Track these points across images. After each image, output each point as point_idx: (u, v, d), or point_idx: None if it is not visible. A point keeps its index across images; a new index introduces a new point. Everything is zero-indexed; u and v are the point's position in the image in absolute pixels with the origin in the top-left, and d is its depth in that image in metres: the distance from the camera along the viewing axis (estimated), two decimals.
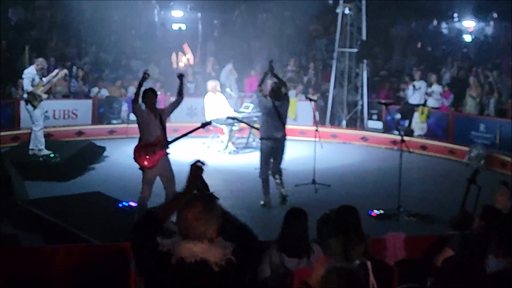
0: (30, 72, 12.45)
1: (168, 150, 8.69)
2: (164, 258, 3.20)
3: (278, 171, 10.56)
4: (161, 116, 8.70)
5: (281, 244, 5.60)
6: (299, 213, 5.74)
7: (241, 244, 3.37)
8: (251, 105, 15.40)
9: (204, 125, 8.54)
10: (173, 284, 3.20)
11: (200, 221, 3.24)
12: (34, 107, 12.35)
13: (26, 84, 12.33)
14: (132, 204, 9.29)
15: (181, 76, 9.18)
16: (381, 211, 10.07)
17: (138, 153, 8.54)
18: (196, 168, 3.58)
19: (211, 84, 15.21)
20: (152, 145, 8.52)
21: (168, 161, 8.71)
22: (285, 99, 10.54)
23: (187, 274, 3.17)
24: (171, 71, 19.26)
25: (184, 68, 19.40)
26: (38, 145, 12.56)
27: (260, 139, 10.68)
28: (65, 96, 16.95)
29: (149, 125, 8.58)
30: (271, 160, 10.52)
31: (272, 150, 10.44)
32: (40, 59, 12.94)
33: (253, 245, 3.52)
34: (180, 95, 9.06)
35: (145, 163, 8.49)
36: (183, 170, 3.60)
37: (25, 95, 12.41)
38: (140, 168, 8.59)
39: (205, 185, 3.61)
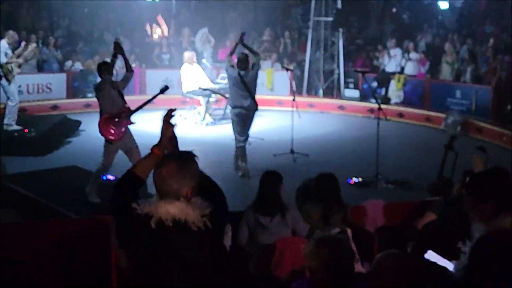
0: (2, 46, 12.21)
1: (133, 120, 8.60)
2: (144, 221, 3.17)
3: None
4: (119, 88, 8.60)
5: (255, 204, 5.90)
6: (272, 175, 6.01)
7: (216, 203, 3.37)
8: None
9: (163, 90, 8.38)
10: (153, 246, 3.18)
11: (173, 178, 3.21)
12: (9, 81, 12.13)
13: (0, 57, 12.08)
14: (110, 177, 9.20)
15: (117, 47, 8.69)
16: (360, 179, 10.11)
17: (104, 126, 8.42)
18: (168, 117, 3.50)
19: (187, 55, 15.07)
20: (117, 116, 8.42)
21: (130, 131, 8.66)
22: (252, 69, 10.53)
23: (166, 235, 3.15)
24: (146, 43, 19.06)
25: (158, 40, 19.19)
26: (10, 120, 12.38)
27: (231, 108, 10.74)
28: (39, 69, 16.68)
29: (114, 97, 8.49)
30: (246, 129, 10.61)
31: (240, 119, 10.53)
32: (11, 32, 12.70)
33: (225, 204, 3.53)
34: (129, 70, 8.84)
35: (111, 135, 8.39)
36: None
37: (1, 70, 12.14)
38: (106, 141, 8.49)
39: (175, 138, 3.55)
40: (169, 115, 3.53)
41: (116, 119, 8.41)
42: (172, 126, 3.51)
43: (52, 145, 12.27)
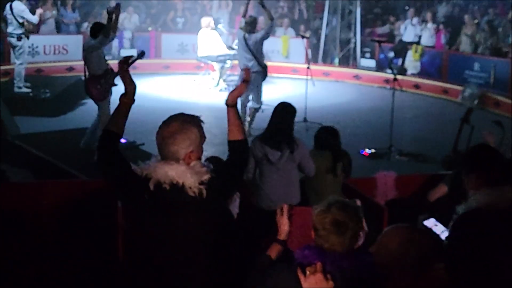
0: (21, 5, 12.36)
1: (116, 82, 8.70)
2: (143, 183, 3.16)
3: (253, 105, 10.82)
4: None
5: (265, 135, 5.74)
6: (287, 106, 5.87)
7: (235, 158, 3.38)
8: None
9: (140, 56, 8.41)
10: (150, 209, 3.17)
11: (171, 139, 3.20)
12: (28, 38, 12.46)
13: (30, 16, 12.38)
14: (122, 140, 9.21)
15: (112, 12, 8.71)
16: (373, 150, 10.03)
17: (90, 86, 8.65)
18: (125, 61, 3.42)
19: (205, 20, 14.92)
20: (103, 77, 8.64)
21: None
22: (257, 32, 10.66)
23: (163, 198, 3.14)
24: (161, 6, 18.90)
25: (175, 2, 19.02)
26: (18, 82, 12.56)
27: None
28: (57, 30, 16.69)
29: (102, 59, 8.74)
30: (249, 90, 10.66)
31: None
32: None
33: (245, 161, 3.53)
34: (113, 32, 8.79)
35: (96, 95, 8.67)
36: (177, 107, 3.50)
37: (19, 30, 12.29)
38: (95, 102, 8.75)
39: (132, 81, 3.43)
40: (125, 61, 3.42)
41: (102, 80, 8.63)
42: (128, 74, 3.40)
43: (66, 107, 12.28)
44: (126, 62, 3.41)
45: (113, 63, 15.58)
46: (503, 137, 7.87)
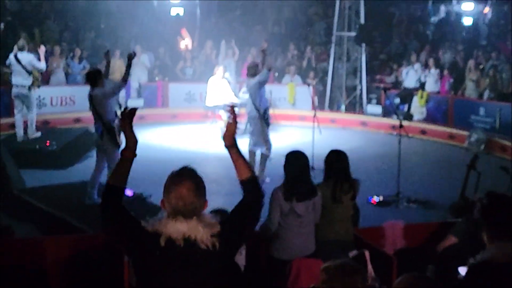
0: (29, 55, 12.68)
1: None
2: (153, 238, 3.14)
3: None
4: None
5: (288, 188, 5.64)
6: (300, 155, 5.82)
7: (249, 198, 3.36)
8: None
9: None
10: (162, 264, 3.15)
11: (195, 196, 3.19)
12: (39, 86, 12.88)
13: (42, 65, 12.66)
14: (129, 193, 9.20)
15: (130, 57, 8.80)
16: (381, 198, 9.98)
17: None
18: (128, 115, 3.39)
19: (219, 68, 14.98)
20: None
21: None
22: (253, 78, 10.81)
23: (175, 253, 3.13)
24: (169, 56, 19.08)
25: (183, 52, 19.21)
26: (33, 127, 12.88)
27: None
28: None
29: (113, 106, 8.87)
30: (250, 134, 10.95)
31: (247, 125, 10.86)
32: (41, 46, 13.07)
33: (260, 200, 3.45)
34: (125, 79, 8.87)
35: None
36: (185, 157, 3.49)
37: (30, 80, 12.56)
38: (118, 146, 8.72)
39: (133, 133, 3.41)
40: (128, 114, 3.40)
41: (115, 128, 8.75)
42: (131, 127, 3.38)
43: (73, 158, 12.29)
44: (129, 115, 3.38)
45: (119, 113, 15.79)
46: (510, 183, 7.84)
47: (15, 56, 12.73)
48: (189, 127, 15.96)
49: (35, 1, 20.21)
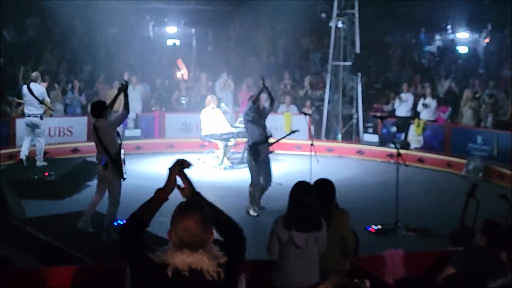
0: (41, 87, 13.14)
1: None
2: (159, 270, 3.16)
3: None
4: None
5: (288, 218, 5.59)
6: (305, 185, 5.71)
7: (231, 240, 3.40)
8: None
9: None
10: None
11: (202, 228, 3.21)
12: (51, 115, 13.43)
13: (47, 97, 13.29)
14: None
15: (123, 87, 9.04)
16: (379, 226, 9.99)
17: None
18: (180, 163, 3.50)
19: (208, 98, 15.14)
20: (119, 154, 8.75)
21: None
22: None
23: (181, 284, 3.15)
24: (165, 86, 19.19)
25: (178, 82, 19.33)
26: (41, 155, 13.20)
27: None
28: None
29: (115, 136, 8.79)
30: None
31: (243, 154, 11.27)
32: (46, 77, 13.85)
33: (242, 240, 3.50)
34: (126, 108, 9.00)
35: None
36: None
37: (41, 110, 12.96)
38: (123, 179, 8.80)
39: (189, 181, 3.54)
40: (177, 167, 3.51)
41: (120, 158, 8.75)
42: (176, 175, 3.49)
43: (72, 189, 12.30)
44: (181, 164, 3.50)
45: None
46: (509, 210, 7.86)
47: (28, 87, 13.02)
48: (186, 156, 15.92)
49: (32, 34, 20.37)
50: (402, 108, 16.84)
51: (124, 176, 8.74)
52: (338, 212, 5.89)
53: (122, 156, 8.73)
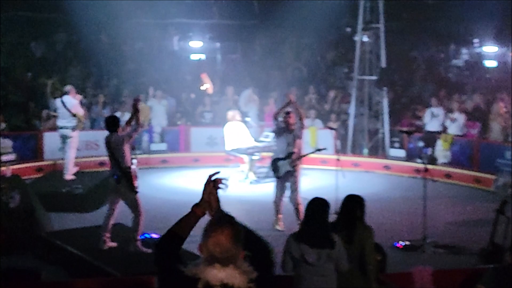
0: (73, 99, 13.33)
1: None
2: (189, 283, 3.15)
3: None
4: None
5: (300, 234, 5.62)
6: (320, 202, 5.71)
7: (259, 258, 3.36)
8: (271, 134, 15.34)
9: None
10: None
11: (233, 244, 3.20)
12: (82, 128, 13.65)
13: (81, 109, 13.43)
14: (154, 235, 9.25)
15: (136, 102, 9.19)
16: (407, 242, 9.89)
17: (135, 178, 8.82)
18: (214, 181, 3.51)
19: (230, 114, 15.21)
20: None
21: None
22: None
23: None
24: (190, 100, 19.27)
25: (203, 96, 19.40)
26: (69, 167, 13.31)
27: None
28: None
29: (128, 151, 8.85)
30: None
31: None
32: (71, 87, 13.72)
33: (270, 258, 3.53)
34: (138, 123, 9.05)
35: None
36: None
37: (73, 122, 13.13)
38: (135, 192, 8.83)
39: (218, 200, 3.52)
40: (214, 182, 3.51)
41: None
42: (215, 194, 3.50)
43: (99, 202, 12.36)
44: (216, 181, 3.51)
45: (143, 157, 15.87)
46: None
47: (61, 100, 13.30)
48: (211, 170, 15.96)
49: (60, 49, 20.63)
50: (433, 123, 16.69)
51: (136, 190, 8.76)
52: (362, 228, 5.88)
53: (134, 170, 8.78)
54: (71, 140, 13.28)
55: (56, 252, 8.93)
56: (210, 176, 3.52)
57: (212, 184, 3.51)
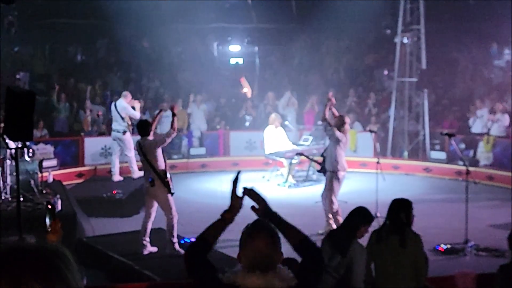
0: (123, 102, 13.61)
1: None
2: None
3: None
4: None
5: (330, 237, 5.76)
6: (359, 210, 5.88)
7: (306, 259, 3.34)
8: (310, 138, 15.30)
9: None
10: None
11: (272, 249, 3.20)
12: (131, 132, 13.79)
13: (132, 111, 13.64)
14: (193, 239, 9.28)
15: (173, 108, 9.46)
16: (448, 246, 9.75)
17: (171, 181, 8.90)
18: (248, 191, 3.49)
19: (272, 116, 15.19)
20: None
21: None
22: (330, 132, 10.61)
23: None
24: (230, 105, 19.34)
25: (243, 101, 19.46)
26: (134, 167, 13.74)
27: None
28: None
29: (161, 154, 8.92)
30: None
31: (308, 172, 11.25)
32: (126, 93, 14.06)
33: (320, 263, 3.47)
34: (172, 127, 9.11)
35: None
36: (246, 204, 3.53)
37: (124, 125, 13.51)
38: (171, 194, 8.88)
39: (263, 201, 3.48)
40: (248, 191, 3.51)
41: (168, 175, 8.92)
42: (240, 198, 3.47)
43: (139, 206, 12.46)
44: (249, 193, 3.49)
45: (182, 162, 15.99)
46: None
47: (114, 104, 13.76)
48: (250, 174, 16.01)
49: (101, 55, 20.94)
50: (477, 124, 16.44)
51: (172, 191, 8.82)
52: (412, 235, 5.83)
53: (168, 173, 8.86)
54: (125, 144, 13.66)
55: (96, 256, 9.03)
56: (233, 182, 3.50)
57: (235, 190, 3.49)
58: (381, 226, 5.90)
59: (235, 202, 3.46)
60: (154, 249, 8.86)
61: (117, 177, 13.95)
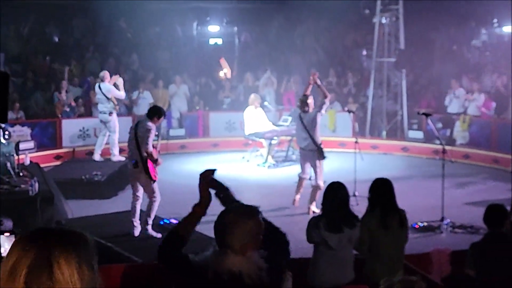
0: (108, 85, 13.64)
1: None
2: (200, 271, 3.24)
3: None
4: None
5: (321, 219, 5.67)
6: (338, 186, 5.80)
7: (274, 249, 3.41)
8: (289, 118, 15.34)
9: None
10: None
11: (226, 229, 3.27)
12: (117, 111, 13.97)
13: (121, 94, 13.82)
14: (174, 221, 9.32)
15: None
16: (425, 223, 9.89)
17: (154, 168, 8.87)
18: (205, 175, 3.53)
19: (252, 97, 15.18)
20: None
21: None
22: (310, 112, 10.71)
23: (221, 286, 3.20)
24: (209, 85, 19.28)
25: (222, 82, 19.40)
26: (114, 150, 13.84)
27: None
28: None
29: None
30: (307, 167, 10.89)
31: (301, 158, 11.06)
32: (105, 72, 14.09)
33: (286, 248, 3.56)
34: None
35: (156, 175, 8.92)
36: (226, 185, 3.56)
37: (108, 107, 13.58)
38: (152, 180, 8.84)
39: (220, 186, 3.56)
40: (206, 172, 3.55)
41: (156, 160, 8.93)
42: (207, 187, 3.51)
43: (118, 188, 12.48)
44: (207, 175, 3.54)
45: (162, 143, 16.05)
46: None
47: (99, 86, 13.75)
48: (230, 155, 16.06)
49: (77, 35, 20.72)
50: (454, 104, 16.58)
51: (154, 179, 8.83)
52: (402, 211, 5.92)
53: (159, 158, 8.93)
54: (110, 125, 13.71)
55: None
56: (201, 175, 3.53)
57: (204, 181, 3.52)
58: (367, 207, 5.90)
59: (204, 194, 3.48)
60: (158, 235, 8.79)
61: (97, 157, 14.00)
